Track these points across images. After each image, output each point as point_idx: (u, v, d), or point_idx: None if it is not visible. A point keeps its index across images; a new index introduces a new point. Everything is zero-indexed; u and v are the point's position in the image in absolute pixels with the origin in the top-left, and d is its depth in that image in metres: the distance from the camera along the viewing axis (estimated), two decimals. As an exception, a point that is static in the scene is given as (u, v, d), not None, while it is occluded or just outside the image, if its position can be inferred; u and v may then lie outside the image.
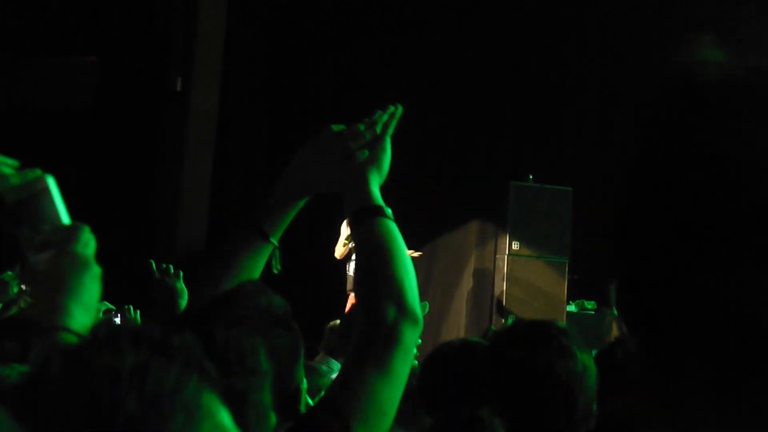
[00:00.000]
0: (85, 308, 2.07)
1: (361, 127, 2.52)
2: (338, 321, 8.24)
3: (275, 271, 2.51)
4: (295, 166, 2.56)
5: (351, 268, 10.83)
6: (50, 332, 2.03)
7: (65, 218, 2.15)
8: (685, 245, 0.95)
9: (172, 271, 5.10)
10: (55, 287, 2.07)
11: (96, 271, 2.11)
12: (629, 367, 3.18)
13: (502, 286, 12.44)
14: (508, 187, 12.53)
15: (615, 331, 12.52)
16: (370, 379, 2.21)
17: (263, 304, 2.21)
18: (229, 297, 2.24)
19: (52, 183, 2.14)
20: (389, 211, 2.42)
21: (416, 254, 10.59)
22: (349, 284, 10.78)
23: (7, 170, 2.14)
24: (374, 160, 2.48)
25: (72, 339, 2.01)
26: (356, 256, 2.43)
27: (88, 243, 2.13)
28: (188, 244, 11.28)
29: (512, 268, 12.45)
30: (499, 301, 12.46)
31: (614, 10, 13.33)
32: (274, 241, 2.52)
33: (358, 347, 2.26)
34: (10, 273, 7.08)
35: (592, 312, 13.00)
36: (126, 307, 6.22)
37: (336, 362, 7.99)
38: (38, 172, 2.15)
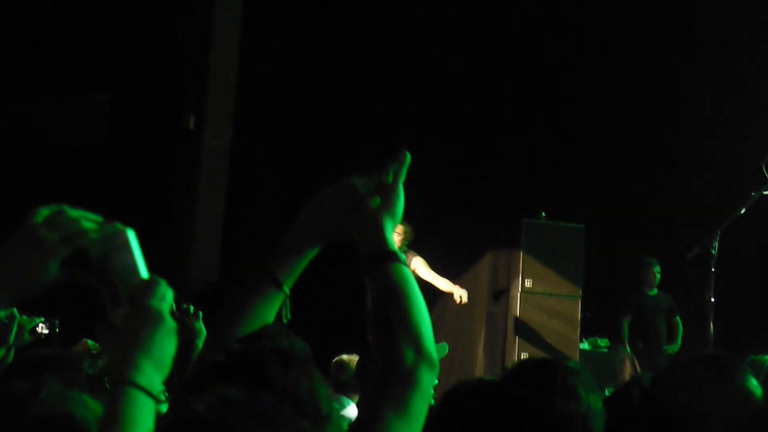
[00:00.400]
0: (156, 364, 2.08)
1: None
2: (343, 357, 8.24)
3: (284, 321, 2.52)
4: (307, 214, 2.56)
5: None
6: (117, 386, 2.04)
7: (144, 272, 2.16)
8: None
9: (192, 311, 5.11)
10: (128, 342, 2.08)
11: (170, 325, 2.12)
12: (645, 408, 3.17)
13: (515, 323, 12.42)
14: (520, 224, 12.53)
15: (629, 369, 12.49)
16: (389, 420, 2.25)
17: (285, 347, 2.21)
18: (252, 339, 2.25)
19: (132, 237, 2.16)
20: (403, 256, 2.45)
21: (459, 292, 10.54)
22: None
23: (89, 225, 2.16)
24: (387, 205, 2.49)
25: (138, 395, 2.02)
26: (371, 301, 2.44)
27: (164, 297, 2.14)
28: (201, 281, 11.28)
29: (525, 306, 12.43)
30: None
31: (624, 45, 13.38)
32: (286, 289, 2.53)
33: (377, 390, 2.28)
34: (24, 317, 7.06)
35: (605, 350, 12.98)
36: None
37: (347, 399, 7.98)
38: (118, 225, 2.18)
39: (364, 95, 12.83)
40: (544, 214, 12.70)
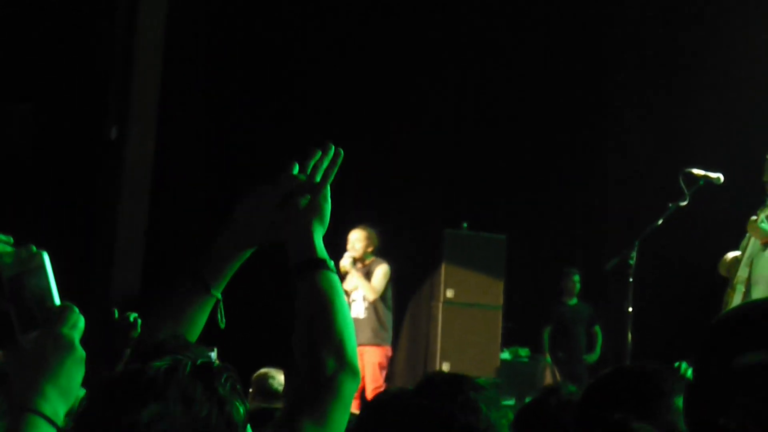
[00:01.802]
0: (62, 392, 2.03)
1: (296, 170, 2.52)
2: (266, 370, 8.19)
3: (221, 326, 2.49)
4: (237, 218, 2.54)
5: (354, 292, 10.72)
6: (19, 412, 1.99)
7: (56, 298, 2.12)
8: None
9: (131, 320, 5.07)
10: (36, 367, 2.03)
11: (80, 354, 2.07)
12: (562, 417, 3.20)
13: (437, 333, 12.45)
14: (442, 234, 12.58)
15: (548, 379, 12.58)
16: (307, 428, 2.23)
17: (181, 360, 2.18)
18: (153, 353, 2.21)
19: (46, 260, 2.13)
20: (332, 263, 2.44)
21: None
22: (358, 309, 10.69)
23: (1, 247, 2.12)
24: (316, 210, 2.49)
25: (41, 424, 1.98)
26: (297, 307, 2.42)
27: (75, 325, 2.10)
28: (123, 290, 11.20)
29: (447, 316, 12.47)
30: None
31: (545, 57, 13.50)
32: (218, 294, 2.50)
33: (296, 397, 2.27)
34: None
35: (526, 359, 13.07)
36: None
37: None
38: (33, 248, 2.14)
39: (288, 105, 12.81)
40: (465, 225, 12.76)
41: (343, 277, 10.66)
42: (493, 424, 2.74)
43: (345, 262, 10.71)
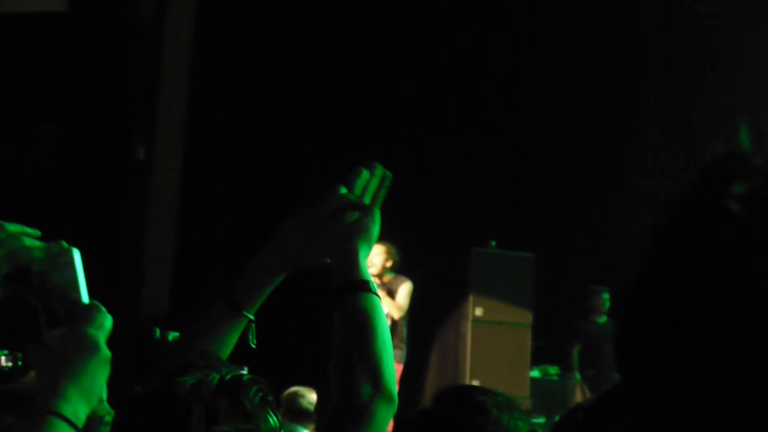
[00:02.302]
0: (85, 394, 2.00)
1: (343, 190, 2.44)
2: (296, 388, 8.18)
3: (252, 345, 2.45)
4: (276, 240, 2.47)
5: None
6: (40, 414, 1.97)
7: (85, 296, 2.10)
8: None
9: (171, 339, 5.07)
10: (59, 368, 2.01)
11: (105, 355, 2.04)
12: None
13: (466, 352, 12.42)
14: (470, 253, 12.55)
15: (579, 397, 12.53)
16: None
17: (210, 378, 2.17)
18: (180, 370, 2.19)
19: (77, 257, 2.10)
20: (374, 285, 2.39)
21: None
22: None
23: (30, 242, 2.09)
24: (363, 229, 2.42)
25: (60, 426, 1.95)
26: (337, 329, 2.37)
27: (102, 325, 2.06)
28: (151, 310, 11.21)
29: (476, 334, 12.44)
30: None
31: (575, 78, 13.48)
32: (250, 315, 2.44)
33: (330, 422, 2.24)
34: None
35: (556, 377, 13.02)
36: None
37: (301, 427, 7.93)
38: (64, 244, 2.11)
39: (316, 125, 12.83)
40: (493, 243, 12.73)
41: None
42: (506, 426, 2.71)
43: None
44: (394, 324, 10.69)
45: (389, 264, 10.72)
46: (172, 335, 5.57)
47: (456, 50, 13.10)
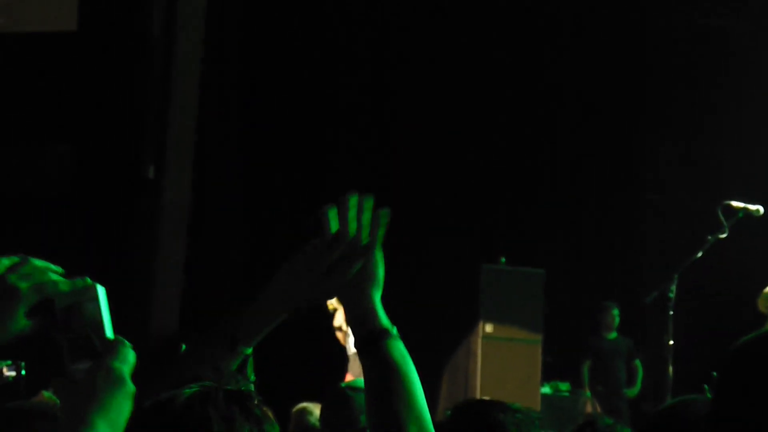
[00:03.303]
0: (111, 425, 2.03)
1: (334, 227, 2.40)
2: (305, 404, 8.19)
3: (251, 379, 2.47)
4: (278, 281, 2.48)
5: (350, 346, 10.73)
6: None
7: (109, 331, 2.13)
8: None
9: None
10: (86, 399, 2.03)
11: (130, 389, 2.07)
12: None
13: (476, 368, 12.41)
14: (480, 269, 12.55)
15: (589, 412, 12.50)
16: None
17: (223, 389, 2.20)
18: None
19: (102, 293, 2.14)
20: (395, 330, 2.40)
21: None
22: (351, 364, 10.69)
23: (55, 276, 2.13)
24: (371, 277, 2.42)
25: None
26: (367, 378, 2.38)
27: (126, 359, 2.10)
28: (160, 332, 11.22)
29: (486, 351, 12.43)
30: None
31: (584, 91, 13.49)
32: (248, 350, 2.47)
33: None
34: None
35: (567, 394, 13.00)
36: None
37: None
38: (88, 280, 2.14)
39: (324, 150, 12.87)
40: (503, 260, 12.73)
41: (332, 313, 10.67)
42: None
43: (338, 322, 10.71)
44: None
45: None
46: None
47: (468, 69, 13.13)
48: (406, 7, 13.16)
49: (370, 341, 2.37)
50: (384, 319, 2.39)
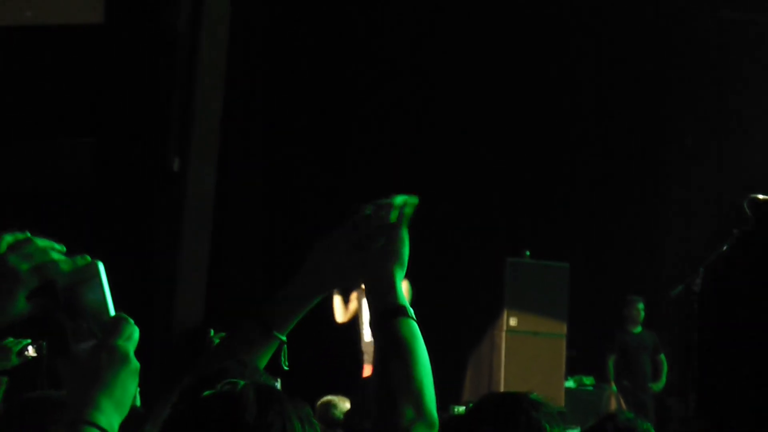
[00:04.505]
0: (117, 404, 2.04)
1: (368, 210, 2.46)
2: (329, 397, 8.21)
3: (285, 368, 2.47)
4: (309, 264, 2.50)
5: (366, 334, 10.76)
6: (75, 424, 1.99)
7: (111, 309, 2.11)
8: None
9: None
10: (91, 379, 2.03)
11: (135, 366, 2.07)
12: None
13: (500, 362, 12.40)
14: (505, 263, 12.54)
15: (613, 407, 12.47)
16: None
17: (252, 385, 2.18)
18: (215, 376, 2.21)
19: (102, 271, 2.13)
20: (411, 311, 2.41)
21: None
22: (367, 353, 10.70)
23: (57, 255, 2.12)
24: (395, 254, 2.44)
25: None
26: (378, 353, 2.39)
27: (130, 337, 2.09)
28: (185, 323, 11.25)
29: (510, 344, 12.41)
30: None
31: (608, 87, 13.46)
32: (283, 337, 2.47)
33: None
34: (11, 339, 7.07)
35: (591, 388, 12.97)
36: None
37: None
38: (88, 258, 2.13)
39: (347, 143, 12.86)
40: (528, 253, 12.71)
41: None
42: None
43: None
44: None
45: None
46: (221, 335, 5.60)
47: (489, 67, 13.12)
48: (431, 7, 13.15)
49: (386, 316, 2.38)
50: (402, 298, 2.41)
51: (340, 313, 10.94)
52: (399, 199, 2.46)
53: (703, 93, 13.39)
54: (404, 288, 8.27)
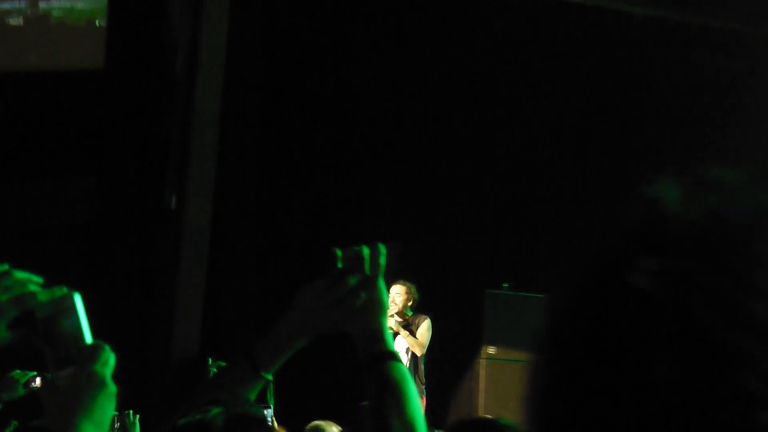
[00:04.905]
0: (97, 426, 2.06)
1: (340, 263, 2.49)
2: (318, 422, 8.16)
3: (270, 405, 2.50)
4: (297, 306, 2.53)
5: (396, 344, 10.71)
6: None
7: (88, 336, 2.14)
8: None
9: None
10: (71, 404, 2.06)
11: (112, 390, 2.10)
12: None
13: (479, 388, 12.40)
14: (483, 294, 12.56)
15: None
16: None
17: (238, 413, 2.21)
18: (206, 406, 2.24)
19: (78, 301, 2.15)
20: (399, 354, 2.48)
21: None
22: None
23: (35, 287, 2.14)
24: (376, 305, 2.49)
25: None
26: (372, 393, 2.45)
27: (107, 362, 2.11)
28: (181, 355, 11.22)
29: (489, 371, 12.42)
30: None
31: (578, 122, 13.50)
32: (269, 376, 2.50)
33: None
34: (18, 371, 7.05)
35: (566, 412, 12.97)
36: (126, 412, 6.24)
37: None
38: (65, 289, 2.16)
39: (338, 179, 12.87)
40: (506, 285, 12.74)
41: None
42: None
43: (392, 323, 10.63)
44: (416, 361, 10.68)
45: (410, 303, 10.72)
46: (223, 365, 5.62)
47: (468, 92, 13.15)
48: (423, 16, 13.12)
49: (376, 361, 2.43)
50: (390, 343, 2.47)
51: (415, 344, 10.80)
52: (366, 251, 2.50)
53: (675, 135, 13.44)
54: (426, 326, 8.11)
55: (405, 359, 10.68)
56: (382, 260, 2.52)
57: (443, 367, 12.64)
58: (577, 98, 13.45)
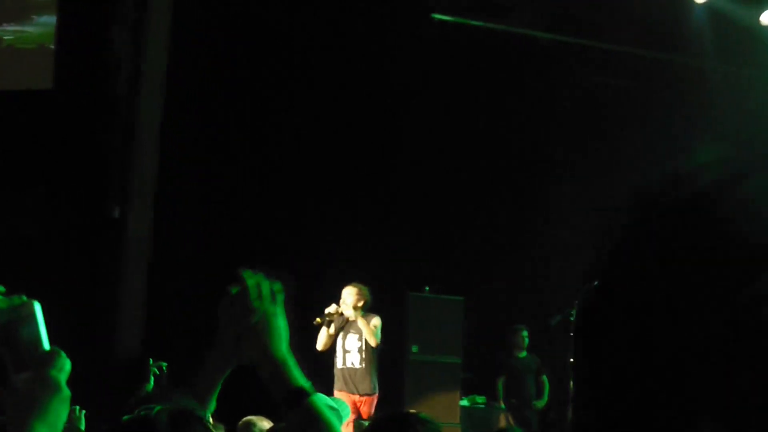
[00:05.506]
0: (50, 428, 2.05)
1: (234, 289, 2.42)
2: (250, 417, 8.07)
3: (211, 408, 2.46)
4: (221, 333, 2.46)
5: (348, 342, 10.65)
6: None
7: (46, 343, 2.12)
8: None
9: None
10: (27, 407, 2.05)
11: (66, 394, 2.09)
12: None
13: (403, 385, 12.41)
14: (406, 297, 12.57)
15: (503, 423, 12.53)
16: None
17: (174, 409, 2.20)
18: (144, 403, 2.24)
19: (38, 309, 2.13)
20: (310, 386, 2.36)
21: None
22: (338, 378, 10.62)
23: None
24: (278, 333, 2.40)
25: None
26: (294, 427, 2.37)
27: (63, 368, 2.10)
28: (125, 354, 11.11)
29: (413, 369, 12.42)
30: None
31: (490, 129, 13.58)
32: (208, 414, 2.46)
33: None
34: None
35: (483, 406, 13.01)
36: (72, 407, 6.17)
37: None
38: (24, 298, 2.14)
39: (280, 186, 12.82)
40: (427, 288, 12.76)
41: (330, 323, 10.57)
42: None
43: (349, 312, 10.60)
44: (368, 356, 10.67)
45: (361, 303, 10.70)
46: (164, 365, 5.59)
47: (384, 103, 13.18)
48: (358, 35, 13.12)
49: (292, 402, 2.34)
50: (300, 378, 2.36)
51: (321, 342, 10.71)
52: (251, 281, 2.40)
53: (587, 147, 13.58)
54: (378, 323, 8.08)
55: (358, 356, 10.64)
56: (280, 297, 2.42)
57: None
58: (491, 116, 13.52)
